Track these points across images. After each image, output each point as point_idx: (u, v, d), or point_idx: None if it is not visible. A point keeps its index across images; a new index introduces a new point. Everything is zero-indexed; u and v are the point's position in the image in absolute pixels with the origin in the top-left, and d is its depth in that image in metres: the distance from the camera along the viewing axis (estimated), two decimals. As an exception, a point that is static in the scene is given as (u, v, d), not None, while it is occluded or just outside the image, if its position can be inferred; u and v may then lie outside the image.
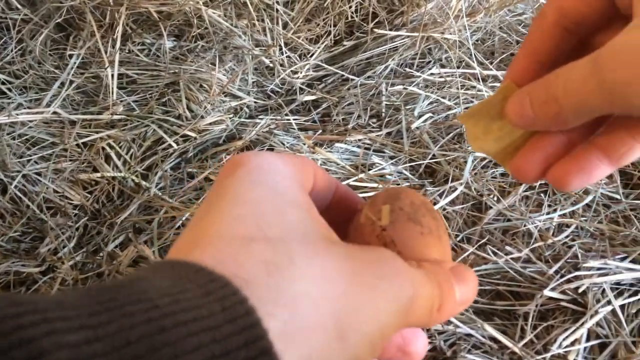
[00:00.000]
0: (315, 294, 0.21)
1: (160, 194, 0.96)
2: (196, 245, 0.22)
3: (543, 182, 0.81)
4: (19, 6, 1.16)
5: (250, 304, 0.19)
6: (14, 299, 0.17)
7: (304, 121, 1.10)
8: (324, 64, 1.22)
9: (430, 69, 1.16)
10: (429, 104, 1.09)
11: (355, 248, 0.25)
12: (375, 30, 1.22)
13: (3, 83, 1.09)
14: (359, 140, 1.03)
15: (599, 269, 0.77)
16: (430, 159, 0.97)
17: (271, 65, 1.18)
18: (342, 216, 0.32)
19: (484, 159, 0.96)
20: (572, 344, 0.71)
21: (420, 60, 1.20)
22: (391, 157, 0.99)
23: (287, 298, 0.20)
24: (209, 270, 0.20)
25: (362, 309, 0.22)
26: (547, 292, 0.75)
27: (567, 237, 0.84)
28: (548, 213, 0.87)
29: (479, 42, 1.26)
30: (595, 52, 0.26)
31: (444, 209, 0.88)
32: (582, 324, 0.72)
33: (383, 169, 0.95)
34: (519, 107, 0.30)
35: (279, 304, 0.20)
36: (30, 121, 1.01)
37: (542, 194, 0.90)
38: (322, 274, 0.22)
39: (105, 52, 1.09)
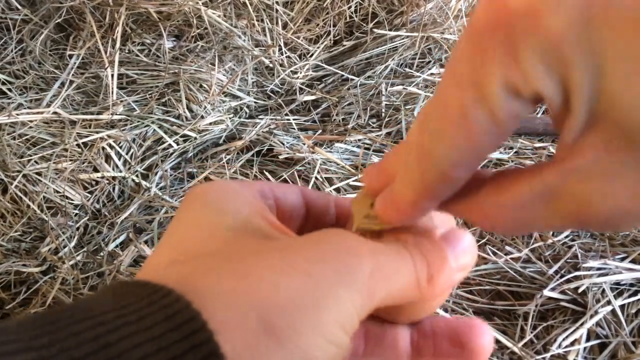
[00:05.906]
0: (229, 290, 0.20)
1: (160, 193, 0.96)
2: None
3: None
4: (19, 6, 1.16)
5: (195, 308, 0.19)
6: None
7: (304, 121, 1.10)
8: (323, 64, 1.22)
9: (430, 69, 1.16)
10: (428, 104, 1.09)
11: (296, 238, 0.24)
12: (375, 30, 1.22)
13: (3, 83, 1.09)
14: (359, 140, 1.03)
15: (598, 269, 0.77)
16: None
17: (271, 65, 1.19)
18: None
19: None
20: (572, 344, 0.71)
21: (420, 60, 1.20)
22: (391, 157, 0.99)
23: (199, 299, 0.20)
24: (152, 283, 0.21)
25: (297, 299, 0.20)
26: (546, 292, 0.75)
27: (566, 237, 0.84)
28: (548, 213, 0.87)
29: (479, 42, 1.26)
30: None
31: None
32: (582, 324, 0.72)
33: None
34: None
35: (193, 304, 0.20)
36: (31, 121, 1.01)
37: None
38: (243, 272, 0.21)
39: (105, 52, 1.09)
